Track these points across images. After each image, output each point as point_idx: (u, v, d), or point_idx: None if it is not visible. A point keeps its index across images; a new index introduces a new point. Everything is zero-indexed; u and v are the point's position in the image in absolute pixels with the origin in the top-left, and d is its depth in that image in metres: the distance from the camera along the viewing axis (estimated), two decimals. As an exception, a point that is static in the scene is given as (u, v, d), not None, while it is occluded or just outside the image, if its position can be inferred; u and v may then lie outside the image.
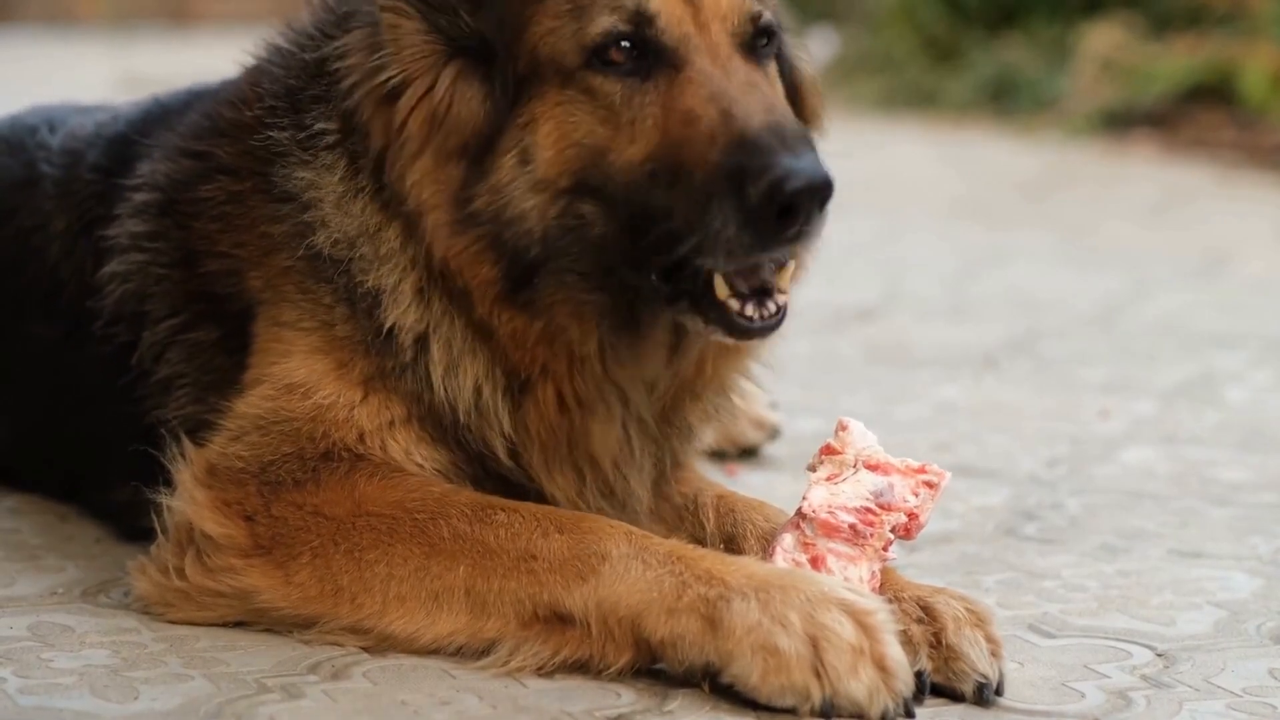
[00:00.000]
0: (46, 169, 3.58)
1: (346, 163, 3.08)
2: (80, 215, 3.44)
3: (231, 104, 3.28)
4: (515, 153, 2.92)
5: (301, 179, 3.10)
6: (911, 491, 2.87)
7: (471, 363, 3.03)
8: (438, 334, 3.03)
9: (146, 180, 3.32)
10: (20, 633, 2.97)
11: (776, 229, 2.77)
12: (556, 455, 3.08)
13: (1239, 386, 5.39)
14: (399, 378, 3.04)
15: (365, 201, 3.05)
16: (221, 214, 3.19)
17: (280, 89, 3.19)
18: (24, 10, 19.76)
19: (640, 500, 3.16)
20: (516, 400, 3.05)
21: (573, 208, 2.91)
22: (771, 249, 2.82)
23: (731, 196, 2.76)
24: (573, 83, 2.92)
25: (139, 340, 3.25)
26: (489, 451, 3.07)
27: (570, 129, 2.91)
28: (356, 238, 3.05)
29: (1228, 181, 10.20)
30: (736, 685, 2.68)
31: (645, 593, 2.74)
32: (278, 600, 2.92)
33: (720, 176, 2.77)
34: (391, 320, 3.03)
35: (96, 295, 3.32)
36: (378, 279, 3.03)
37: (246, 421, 3.04)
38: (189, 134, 3.33)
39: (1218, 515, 3.99)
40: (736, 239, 2.77)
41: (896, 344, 5.95)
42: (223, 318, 3.18)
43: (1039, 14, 13.27)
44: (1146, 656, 3.06)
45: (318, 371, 3.05)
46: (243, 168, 3.18)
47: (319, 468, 2.98)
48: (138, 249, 3.28)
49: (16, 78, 12.55)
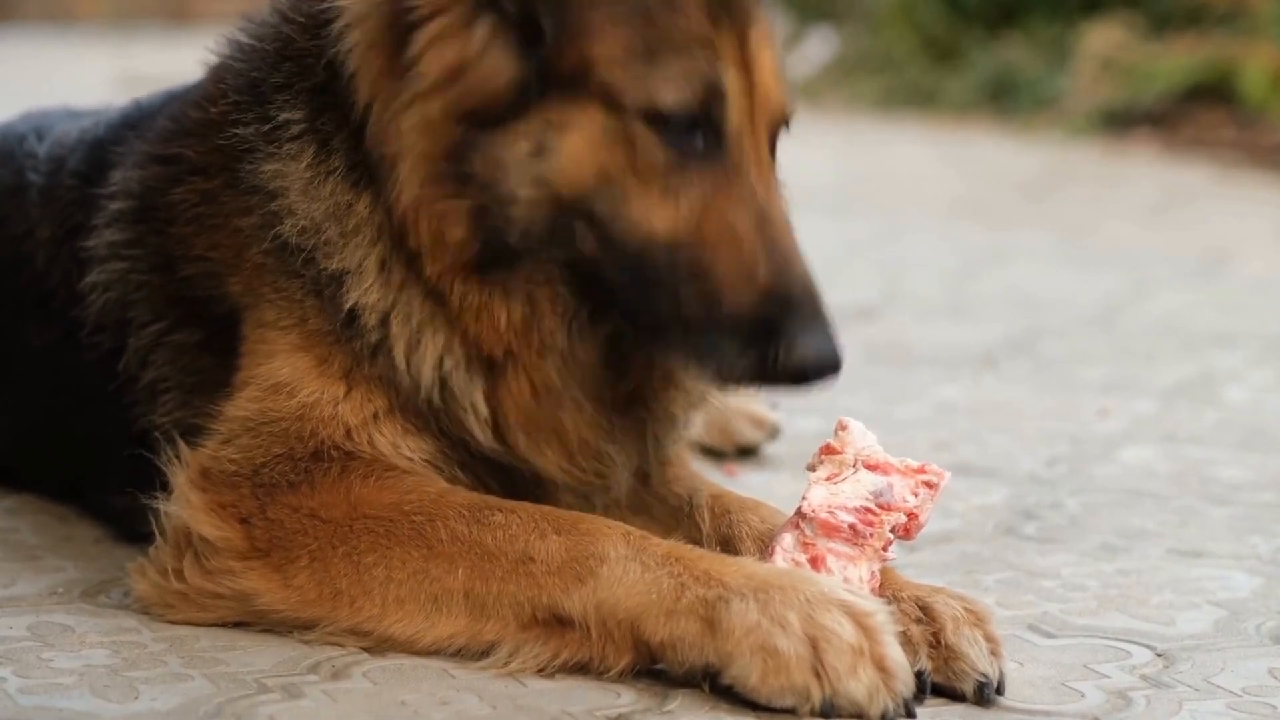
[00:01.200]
0: (33, 177, 3.57)
1: (315, 148, 3.03)
2: (62, 222, 3.43)
3: (197, 104, 3.25)
4: (532, 141, 2.82)
5: (267, 171, 3.06)
6: (911, 491, 2.87)
7: (432, 336, 2.98)
8: (397, 309, 2.98)
9: (120, 188, 3.30)
10: (20, 633, 2.97)
11: (780, 387, 2.86)
12: (539, 435, 3.04)
13: (1239, 386, 5.39)
14: (371, 363, 3.00)
15: (335, 183, 3.00)
16: (195, 216, 3.16)
17: (243, 83, 3.15)
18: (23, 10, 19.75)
19: (621, 485, 3.14)
20: (489, 380, 3.00)
21: (565, 220, 2.85)
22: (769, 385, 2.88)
23: (755, 345, 2.78)
24: (620, 118, 2.80)
25: (124, 346, 3.24)
26: (467, 435, 3.03)
27: (601, 157, 2.81)
28: (323, 221, 3.00)
29: (1228, 181, 10.20)
30: (736, 686, 2.68)
31: (644, 595, 2.74)
32: (277, 603, 2.91)
33: (751, 321, 2.78)
34: (354, 299, 2.98)
35: (81, 304, 3.31)
36: (342, 261, 2.99)
37: (236, 424, 3.03)
38: (158, 139, 3.30)
39: (1218, 515, 3.99)
40: (738, 375, 2.83)
41: (896, 343, 5.95)
42: (205, 320, 3.16)
43: (1039, 13, 13.27)
44: (1146, 656, 3.06)
45: (300, 369, 3.03)
46: (212, 165, 3.16)
47: (311, 468, 2.97)
48: (117, 257, 3.26)
49: (16, 77, 12.55)
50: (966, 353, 5.79)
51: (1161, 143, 11.26)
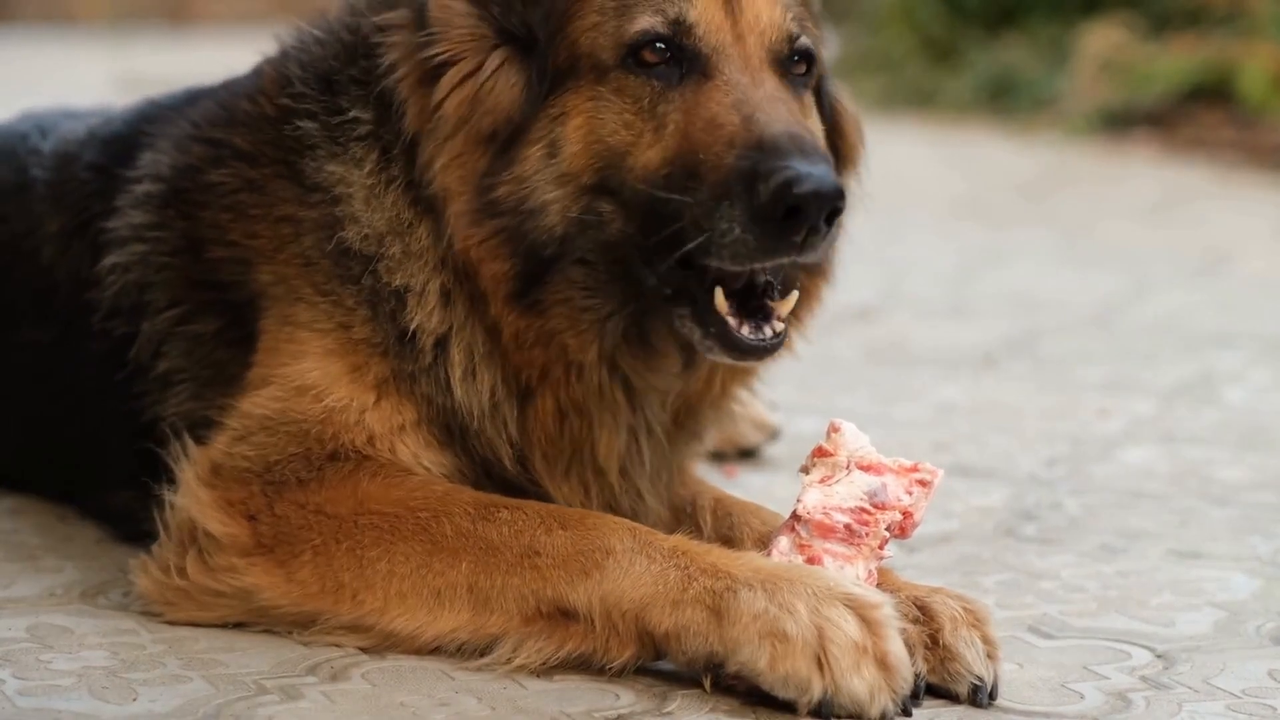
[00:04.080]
0: (38, 173, 3.57)
1: (378, 154, 3.07)
2: (76, 214, 3.43)
3: (250, 97, 3.26)
4: (543, 144, 2.94)
5: (333, 172, 3.09)
6: (905, 490, 2.87)
7: (489, 368, 3.03)
8: (459, 337, 3.03)
9: (149, 171, 3.31)
10: (19, 634, 2.97)
11: (781, 232, 2.78)
12: (559, 463, 3.08)
13: (1238, 386, 5.39)
14: (415, 381, 3.04)
15: (396, 195, 3.05)
16: (234, 202, 3.17)
17: (312, 75, 3.17)
18: (22, 10, 19.75)
19: (649, 510, 3.17)
20: (521, 407, 3.05)
21: (593, 205, 2.93)
22: (775, 253, 2.82)
23: (742, 197, 2.78)
24: (606, 80, 2.95)
25: (138, 333, 3.23)
26: (494, 458, 3.07)
27: (598, 125, 2.93)
28: (386, 234, 3.05)
29: (1227, 181, 10.20)
30: (743, 673, 2.68)
31: (650, 586, 2.75)
32: (278, 598, 2.91)
33: (733, 177, 2.80)
34: (416, 323, 3.02)
35: (95, 288, 3.30)
36: (405, 278, 3.03)
37: (253, 421, 3.03)
38: (203, 122, 3.30)
39: (1217, 515, 3.99)
40: (741, 240, 2.79)
41: (896, 344, 5.95)
42: (224, 307, 3.17)
43: (1038, 14, 13.27)
44: (1146, 657, 3.05)
45: (331, 375, 3.03)
46: (262, 155, 3.17)
47: (324, 467, 2.98)
48: (139, 239, 3.27)
49: (14, 78, 12.55)
50: (966, 353, 5.79)
51: (1161, 143, 11.26)
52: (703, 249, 2.83)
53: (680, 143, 2.88)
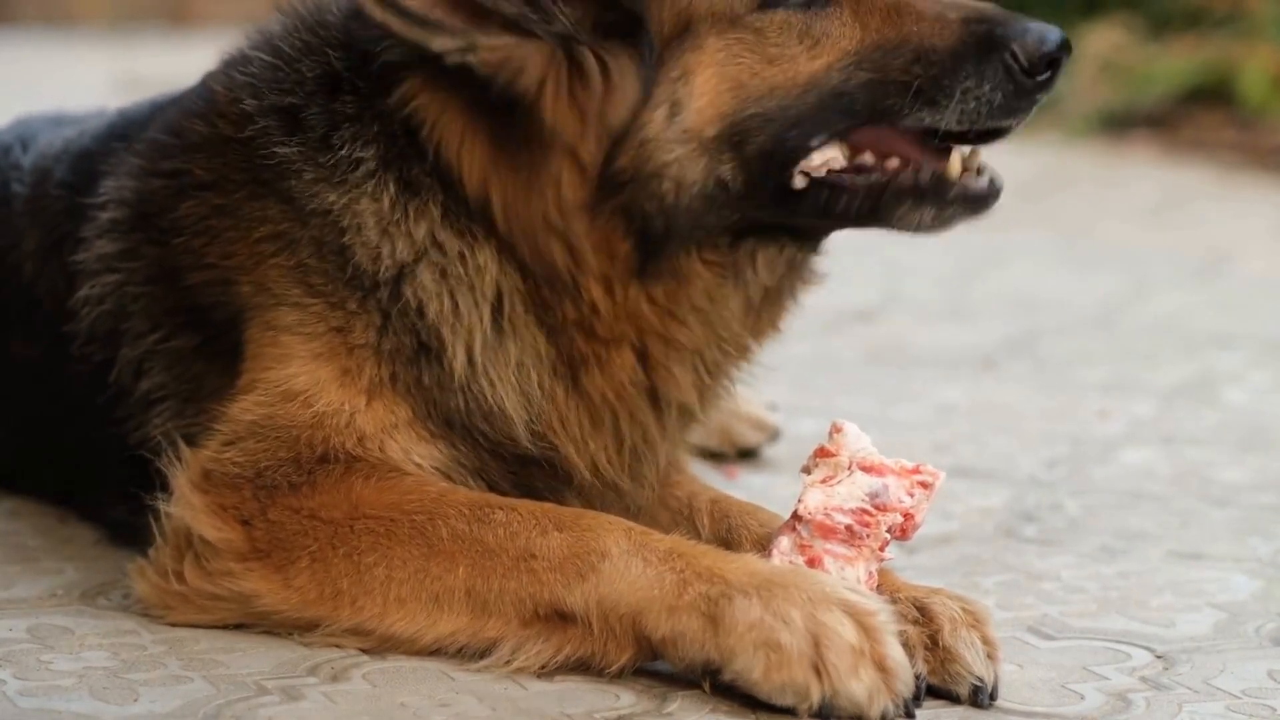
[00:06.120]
0: (18, 188, 3.54)
1: (395, 188, 2.99)
2: (49, 232, 3.40)
3: (202, 117, 3.17)
4: (666, 106, 2.89)
5: (335, 202, 3.00)
6: (907, 492, 2.87)
7: (537, 363, 3.01)
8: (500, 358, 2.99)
9: (112, 197, 3.24)
10: (19, 634, 2.97)
11: (1034, 87, 2.98)
12: (603, 421, 3.05)
13: (1238, 387, 5.39)
14: (428, 388, 3.01)
15: (432, 226, 2.98)
16: (206, 229, 3.10)
17: (272, 105, 3.06)
18: (21, 11, 19.74)
19: (654, 482, 3.17)
20: (568, 376, 3.02)
21: (713, 165, 2.90)
22: (1019, 111, 2.99)
23: (990, 56, 2.94)
24: (738, 27, 2.92)
25: (116, 359, 3.20)
26: (508, 439, 3.03)
27: (735, 70, 2.91)
28: (411, 262, 2.98)
29: (1227, 182, 10.20)
30: (738, 682, 2.68)
31: (646, 590, 2.74)
32: (278, 604, 2.91)
33: (971, 42, 2.94)
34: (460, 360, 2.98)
35: (71, 319, 3.26)
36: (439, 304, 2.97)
37: (241, 427, 3.01)
38: (154, 153, 3.22)
39: (1217, 516, 3.99)
40: (989, 97, 2.95)
41: (896, 345, 5.95)
42: (204, 325, 3.12)
43: (1038, 15, 13.24)
44: (1146, 658, 3.06)
45: (320, 379, 3.00)
46: (227, 181, 3.09)
47: (315, 471, 2.97)
48: (110, 270, 3.22)
49: (14, 79, 12.54)
50: (966, 354, 5.79)
51: (1161, 144, 11.26)
52: (931, 108, 2.93)
53: (862, 36, 2.94)
